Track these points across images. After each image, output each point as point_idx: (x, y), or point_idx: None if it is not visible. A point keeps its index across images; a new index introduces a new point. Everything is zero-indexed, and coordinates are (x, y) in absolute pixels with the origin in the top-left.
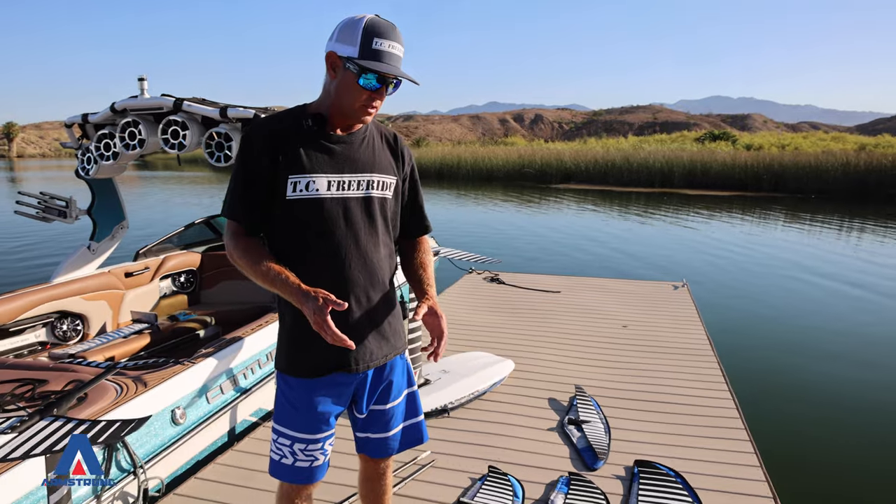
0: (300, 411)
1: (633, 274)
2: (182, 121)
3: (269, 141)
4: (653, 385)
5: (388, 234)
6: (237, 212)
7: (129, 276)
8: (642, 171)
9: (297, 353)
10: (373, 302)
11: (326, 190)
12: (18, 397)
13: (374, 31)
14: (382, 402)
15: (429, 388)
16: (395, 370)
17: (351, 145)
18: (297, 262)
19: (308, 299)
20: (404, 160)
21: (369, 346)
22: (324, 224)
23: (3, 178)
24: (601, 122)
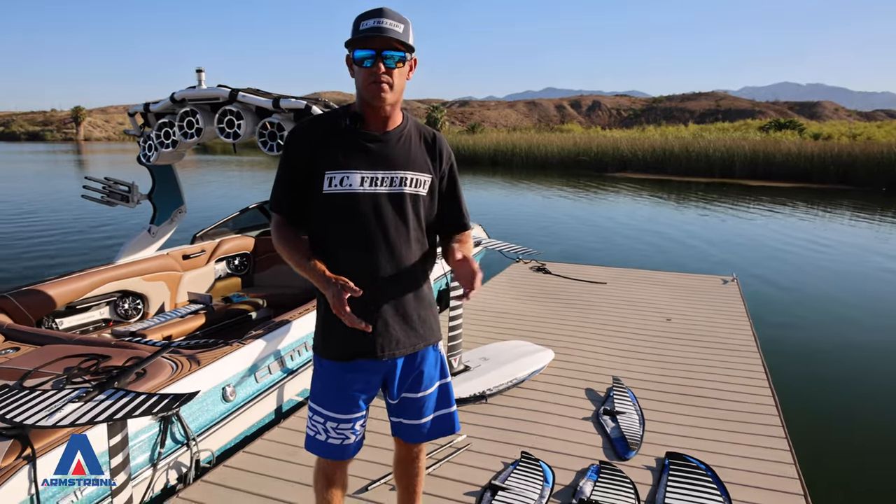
0: (331, 392)
1: (683, 266)
2: (237, 110)
3: (308, 139)
4: (691, 379)
5: (420, 229)
6: (279, 204)
7: (187, 259)
8: (701, 161)
9: (329, 338)
10: (400, 294)
11: (360, 185)
12: (84, 371)
13: (361, 17)
14: (414, 391)
15: (468, 374)
16: (427, 361)
17: (386, 143)
18: (330, 251)
19: (329, 285)
20: (441, 159)
21: (395, 335)
22: (355, 217)
23: (72, 160)
24: (661, 110)
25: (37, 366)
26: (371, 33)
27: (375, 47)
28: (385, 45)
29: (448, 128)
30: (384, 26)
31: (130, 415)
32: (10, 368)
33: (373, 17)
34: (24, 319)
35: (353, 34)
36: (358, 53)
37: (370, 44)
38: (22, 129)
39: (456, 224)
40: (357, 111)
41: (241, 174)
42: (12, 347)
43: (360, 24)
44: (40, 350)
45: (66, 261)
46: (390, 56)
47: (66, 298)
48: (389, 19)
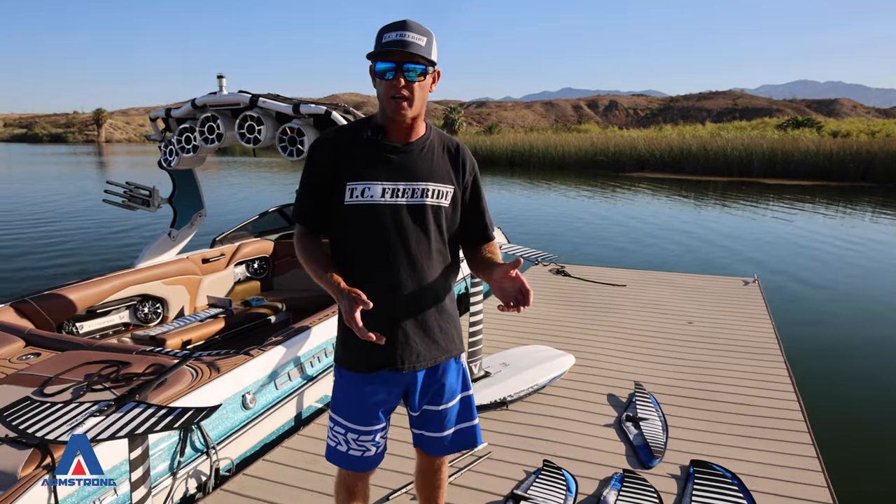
0: (352, 403)
1: (703, 268)
2: (258, 116)
3: (330, 150)
4: (715, 384)
5: (441, 241)
6: (301, 214)
7: (206, 262)
8: (719, 160)
9: (350, 349)
10: (421, 306)
11: (381, 197)
12: (105, 378)
13: (384, 29)
14: (435, 404)
15: (489, 380)
16: (449, 373)
17: (408, 154)
18: (350, 262)
19: (342, 296)
20: (465, 169)
21: (416, 347)
22: (376, 229)
23: (93, 162)
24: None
25: (57, 372)
26: (392, 46)
27: (396, 60)
28: (406, 58)
29: (465, 129)
30: (406, 39)
31: (151, 430)
32: (31, 375)
33: (395, 30)
34: (44, 323)
35: (376, 46)
36: (379, 66)
37: (391, 57)
38: (45, 130)
39: (480, 235)
40: (380, 122)
41: (260, 175)
42: (33, 353)
43: (383, 36)
44: (61, 356)
45: (86, 265)
46: (411, 69)
47: (86, 302)
48: (412, 32)
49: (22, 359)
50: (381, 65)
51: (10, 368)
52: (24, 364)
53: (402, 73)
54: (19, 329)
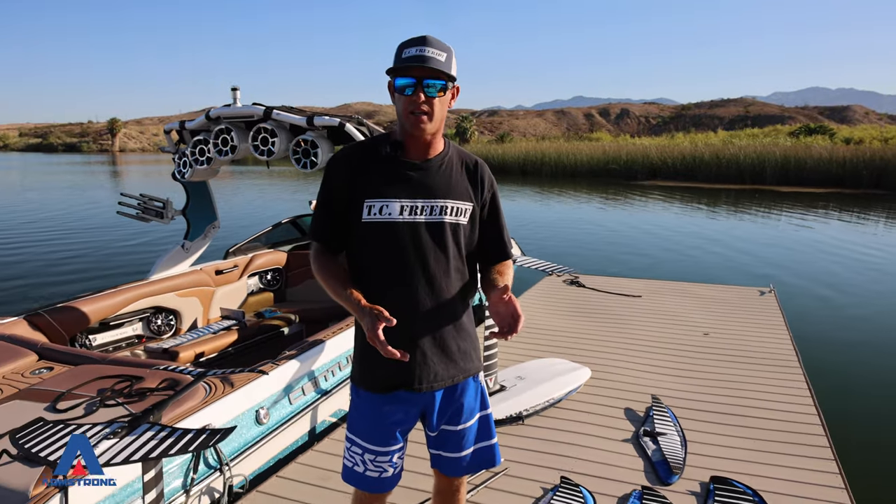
0: (369, 423)
1: (718, 277)
2: (271, 128)
3: (348, 166)
4: (732, 397)
5: (460, 258)
6: (318, 232)
7: (220, 274)
8: (732, 167)
9: (367, 368)
10: (439, 325)
11: (399, 214)
12: (118, 393)
13: (404, 44)
14: (453, 423)
15: (504, 394)
16: (467, 393)
17: (427, 171)
18: (368, 280)
19: (364, 314)
20: (483, 186)
21: (434, 367)
22: (394, 247)
23: (107, 172)
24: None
25: (70, 387)
26: (413, 62)
27: (416, 75)
28: (426, 73)
29: (477, 137)
30: (426, 55)
31: (166, 454)
32: (43, 390)
33: (415, 45)
34: (57, 336)
35: (396, 62)
36: (399, 81)
37: (411, 72)
38: (59, 140)
39: (497, 253)
40: (398, 139)
41: (273, 184)
42: (46, 367)
43: (403, 51)
44: (74, 370)
45: (99, 277)
46: (431, 85)
47: (99, 315)
48: (432, 48)
49: (35, 373)
50: (401, 80)
51: (22, 383)
52: (37, 378)
53: (421, 89)
54: (32, 343)
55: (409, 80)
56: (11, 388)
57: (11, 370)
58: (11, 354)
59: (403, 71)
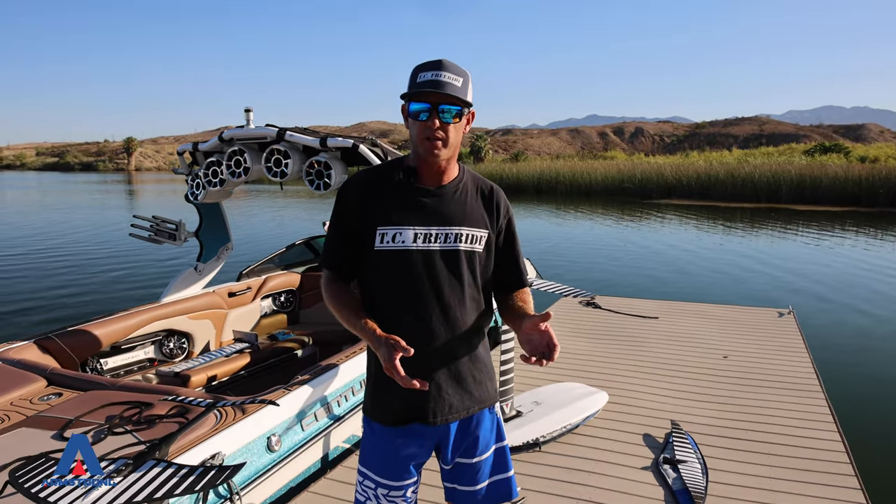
0: (381, 456)
1: (735, 298)
2: (284, 150)
3: (360, 193)
4: (753, 423)
5: (475, 287)
6: (330, 259)
7: (233, 296)
8: (747, 186)
9: (380, 400)
10: (454, 355)
11: (413, 242)
12: (126, 420)
13: (419, 69)
14: (468, 456)
15: (521, 420)
16: (483, 424)
17: (441, 198)
18: (381, 309)
19: (381, 344)
20: (499, 213)
21: (449, 398)
22: (407, 276)
23: (122, 191)
24: (704, 135)
25: (78, 414)
26: (428, 87)
27: (432, 101)
28: (442, 99)
29: (491, 156)
30: (442, 80)
31: (171, 493)
32: (51, 417)
33: (431, 70)
34: (68, 360)
35: (410, 86)
36: (413, 106)
37: (426, 97)
38: (76, 159)
39: (514, 281)
40: (411, 165)
41: (287, 205)
42: (55, 393)
43: (418, 75)
44: (82, 396)
45: (111, 299)
46: (447, 110)
47: (111, 338)
48: (448, 72)
49: (43, 399)
50: (416, 105)
51: (30, 410)
52: (46, 405)
53: (437, 115)
54: (42, 368)
55: (424, 105)
56: (20, 414)
57: (20, 396)
58: (20, 380)
59: (418, 96)
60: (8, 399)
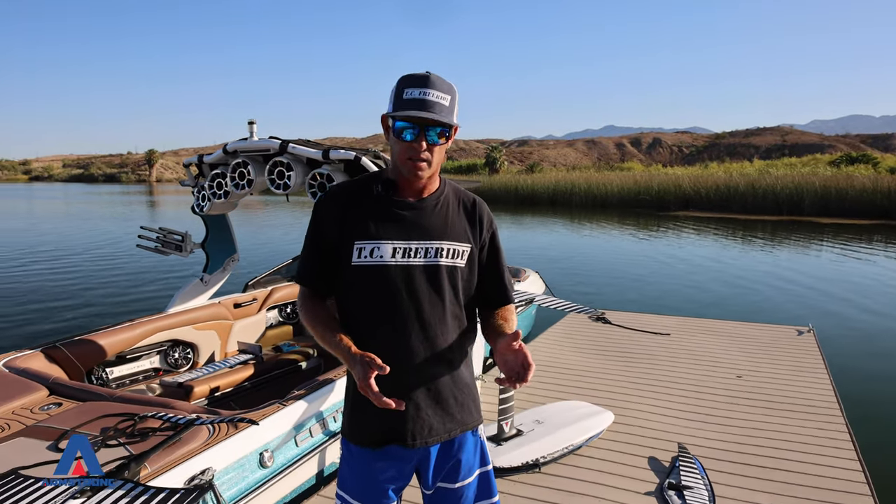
0: (360, 480)
1: (752, 314)
2: (287, 162)
3: (337, 207)
4: (766, 447)
5: (457, 304)
6: (305, 275)
7: (238, 307)
8: (768, 198)
9: (357, 421)
10: (434, 375)
11: (391, 257)
12: (120, 432)
13: (405, 83)
14: (450, 481)
15: (521, 439)
16: (465, 447)
17: (421, 211)
18: (359, 327)
19: (355, 362)
20: (482, 226)
21: (429, 420)
22: (386, 292)
23: (143, 202)
24: (724, 146)
25: (74, 425)
26: (415, 107)
27: (419, 122)
28: (430, 122)
29: (507, 167)
30: (430, 99)
31: None
32: (48, 427)
33: (418, 87)
34: (74, 369)
35: (395, 100)
36: (399, 125)
37: (414, 118)
38: (100, 171)
39: (498, 297)
40: (391, 178)
41: (294, 213)
42: (55, 402)
43: (405, 91)
44: (81, 407)
45: (118, 309)
46: (433, 131)
47: (116, 348)
48: (436, 90)
49: (44, 409)
50: (401, 123)
51: (30, 419)
52: (45, 415)
53: (424, 137)
54: (44, 377)
55: (410, 125)
56: (19, 424)
57: (21, 405)
58: (23, 389)
59: (404, 116)
60: (10, 408)
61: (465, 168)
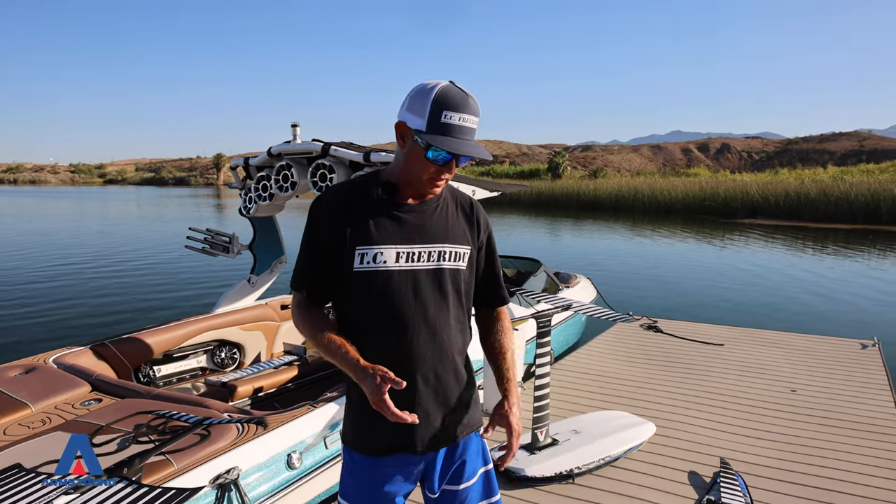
0: (364, 488)
1: (815, 326)
2: (329, 164)
3: (336, 211)
4: (815, 465)
5: (460, 307)
6: (301, 283)
7: (285, 309)
8: (842, 206)
9: (363, 429)
10: (441, 379)
11: (395, 262)
12: (153, 429)
13: (444, 104)
14: (455, 483)
15: (555, 448)
16: (469, 449)
17: (422, 214)
18: (363, 335)
19: (366, 377)
20: (480, 228)
21: (437, 425)
22: (391, 297)
23: (211, 204)
24: (796, 151)
25: (110, 421)
26: (455, 135)
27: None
28: (464, 151)
29: (570, 173)
30: (468, 126)
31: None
32: (85, 422)
33: (457, 111)
34: (121, 367)
35: (431, 121)
36: (432, 152)
37: (451, 146)
38: (170, 174)
39: (494, 297)
40: (392, 181)
41: None
42: (96, 399)
43: (443, 114)
44: (118, 403)
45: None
46: (465, 158)
47: (163, 347)
48: (473, 115)
49: (84, 404)
50: (439, 150)
51: (70, 414)
52: (85, 410)
53: (456, 162)
54: (88, 373)
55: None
56: (60, 418)
57: (64, 400)
58: (67, 384)
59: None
60: (53, 402)
61: (527, 173)
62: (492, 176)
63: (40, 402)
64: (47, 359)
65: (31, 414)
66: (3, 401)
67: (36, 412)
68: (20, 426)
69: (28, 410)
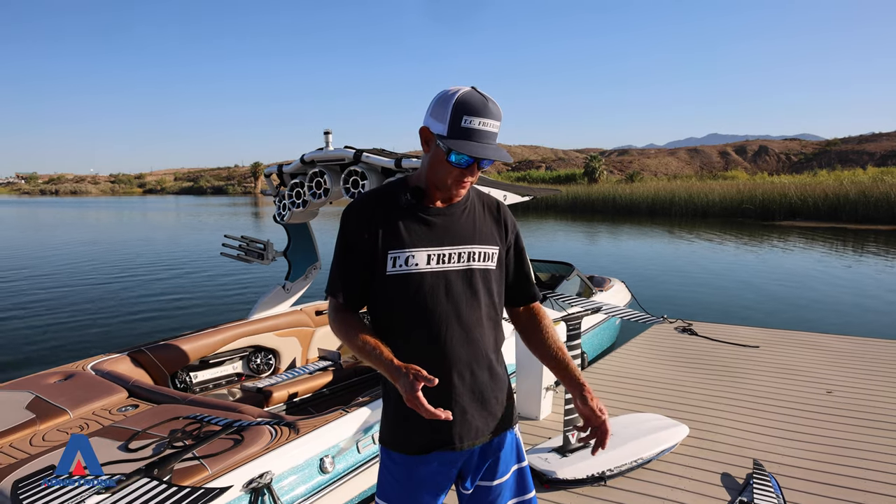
0: (404, 488)
1: (854, 328)
2: (362, 171)
3: (367, 217)
4: (851, 467)
5: (492, 306)
6: (335, 288)
7: (320, 315)
8: (882, 207)
9: (401, 430)
10: (477, 377)
11: (426, 264)
12: (187, 434)
13: (464, 109)
14: (489, 479)
15: (587, 450)
16: (504, 445)
17: (451, 217)
18: (397, 337)
19: (400, 375)
20: (507, 228)
21: (474, 422)
22: (424, 299)
23: (249, 213)
24: (835, 153)
25: (146, 426)
26: (475, 140)
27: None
28: (484, 155)
29: (606, 177)
30: (488, 130)
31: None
32: (122, 428)
33: (477, 115)
34: (158, 373)
35: (452, 126)
36: (454, 156)
37: (472, 150)
38: (209, 183)
39: (525, 295)
40: (419, 185)
41: None
42: (132, 405)
43: (462, 119)
44: (154, 409)
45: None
46: (487, 161)
47: (199, 353)
48: (493, 119)
49: (121, 410)
50: (461, 155)
51: (108, 420)
52: (122, 416)
53: (478, 166)
54: (125, 380)
55: (466, 156)
56: (97, 424)
57: (102, 406)
58: (105, 391)
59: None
60: (91, 408)
61: (563, 178)
62: (528, 181)
63: (78, 409)
64: (85, 365)
65: (69, 420)
66: (42, 407)
67: (74, 418)
68: (58, 432)
69: (67, 416)
